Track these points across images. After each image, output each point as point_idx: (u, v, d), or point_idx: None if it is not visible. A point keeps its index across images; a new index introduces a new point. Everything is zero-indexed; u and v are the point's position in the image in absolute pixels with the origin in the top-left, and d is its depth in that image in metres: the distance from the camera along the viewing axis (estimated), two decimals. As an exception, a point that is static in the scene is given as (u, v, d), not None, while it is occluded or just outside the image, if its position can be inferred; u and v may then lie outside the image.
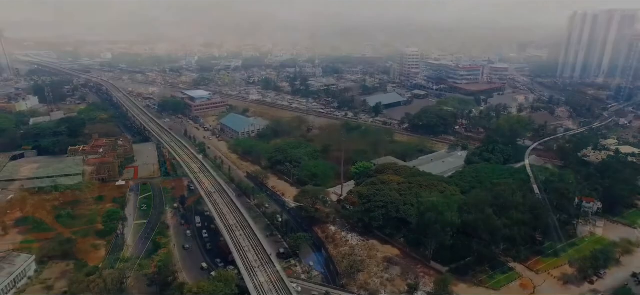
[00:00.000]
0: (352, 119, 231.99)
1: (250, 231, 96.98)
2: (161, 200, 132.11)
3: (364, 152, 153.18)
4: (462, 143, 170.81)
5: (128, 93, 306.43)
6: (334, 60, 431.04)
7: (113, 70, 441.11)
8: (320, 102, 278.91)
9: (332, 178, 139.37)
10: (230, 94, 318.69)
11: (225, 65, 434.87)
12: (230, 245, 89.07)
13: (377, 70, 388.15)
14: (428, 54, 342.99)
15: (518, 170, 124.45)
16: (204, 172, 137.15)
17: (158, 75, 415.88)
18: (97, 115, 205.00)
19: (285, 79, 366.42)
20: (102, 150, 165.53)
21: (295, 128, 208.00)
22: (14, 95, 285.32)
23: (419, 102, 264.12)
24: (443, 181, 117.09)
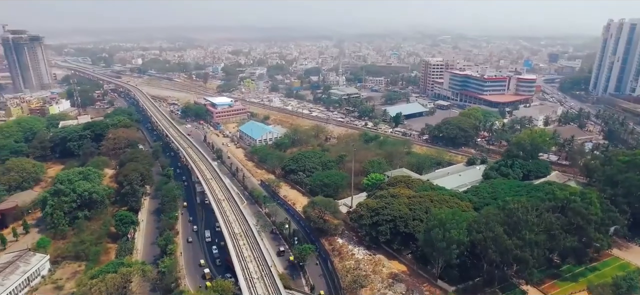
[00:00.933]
0: (371, 129, 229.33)
1: (254, 240, 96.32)
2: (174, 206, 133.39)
3: (379, 163, 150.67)
4: (482, 156, 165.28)
5: (153, 98, 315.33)
6: (359, 69, 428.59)
7: (142, 75, 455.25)
8: (341, 110, 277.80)
9: (344, 189, 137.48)
10: (253, 101, 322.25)
11: (250, 73, 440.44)
12: (232, 255, 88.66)
13: (401, 79, 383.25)
14: (454, 63, 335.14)
15: (537, 187, 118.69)
16: (216, 179, 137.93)
17: (185, 81, 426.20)
18: (120, 119, 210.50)
19: (308, 87, 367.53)
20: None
21: (313, 137, 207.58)
22: (49, 99, 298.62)
23: (442, 112, 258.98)
24: (456, 196, 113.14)
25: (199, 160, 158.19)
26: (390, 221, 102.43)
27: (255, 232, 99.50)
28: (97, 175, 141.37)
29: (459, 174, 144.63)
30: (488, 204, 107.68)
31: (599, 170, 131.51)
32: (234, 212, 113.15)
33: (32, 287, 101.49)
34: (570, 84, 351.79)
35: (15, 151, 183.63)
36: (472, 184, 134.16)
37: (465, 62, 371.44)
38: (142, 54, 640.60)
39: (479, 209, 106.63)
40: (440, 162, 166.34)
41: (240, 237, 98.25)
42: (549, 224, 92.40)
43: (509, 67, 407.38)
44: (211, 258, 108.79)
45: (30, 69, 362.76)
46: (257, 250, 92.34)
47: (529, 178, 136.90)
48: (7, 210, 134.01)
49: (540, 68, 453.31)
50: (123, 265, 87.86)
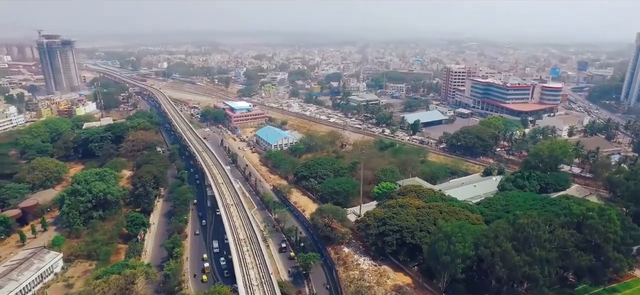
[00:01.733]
0: (388, 136, 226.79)
1: (258, 247, 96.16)
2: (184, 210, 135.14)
3: (392, 172, 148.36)
4: (499, 167, 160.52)
5: (175, 101, 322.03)
6: (380, 75, 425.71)
7: (166, 79, 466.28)
8: (360, 117, 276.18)
9: (354, 196, 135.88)
10: (272, 105, 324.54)
11: (271, 78, 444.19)
12: (235, 261, 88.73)
13: (423, 86, 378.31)
14: (476, 71, 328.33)
15: (553, 200, 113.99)
16: (227, 184, 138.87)
17: (207, 85, 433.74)
18: (140, 122, 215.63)
19: (328, 92, 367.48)
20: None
21: (328, 143, 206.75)
22: (76, 101, 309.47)
23: (462, 121, 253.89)
24: (467, 208, 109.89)
25: (212, 164, 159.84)
26: (397, 232, 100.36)
27: (259, 238, 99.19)
28: (113, 176, 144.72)
29: (473, 185, 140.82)
30: (500, 217, 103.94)
31: (623, 185, 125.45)
32: (241, 217, 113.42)
33: (45, 284, 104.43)
34: (599, 92, 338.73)
35: (41, 151, 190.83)
36: (487, 195, 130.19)
37: (488, 70, 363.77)
38: (168, 58, 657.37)
39: (490, 221, 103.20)
40: (455, 172, 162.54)
41: (245, 242, 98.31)
42: (562, 240, 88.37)
43: (534, 75, 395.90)
44: (219, 269, 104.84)
45: (61, 71, 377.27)
46: (260, 256, 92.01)
47: (546, 191, 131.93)
48: (28, 208, 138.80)
49: (568, 76, 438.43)
50: (127, 267, 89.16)
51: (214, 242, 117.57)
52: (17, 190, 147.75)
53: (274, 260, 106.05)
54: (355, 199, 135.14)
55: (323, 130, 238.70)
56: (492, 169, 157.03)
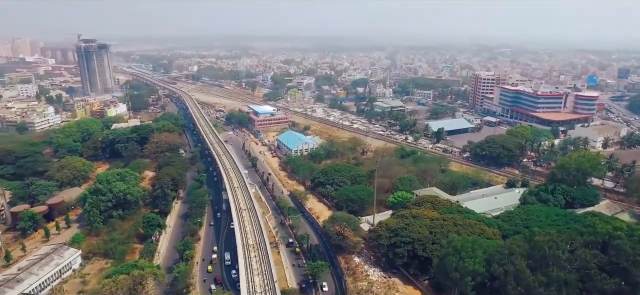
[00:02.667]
0: (411, 143, 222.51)
1: (265, 253, 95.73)
2: (199, 212, 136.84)
3: (410, 181, 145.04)
4: (523, 178, 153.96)
5: (202, 104, 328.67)
6: (408, 81, 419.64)
7: (195, 82, 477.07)
8: (383, 123, 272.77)
9: (370, 205, 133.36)
10: (297, 110, 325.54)
11: (297, 82, 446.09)
12: (241, 267, 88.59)
13: (450, 93, 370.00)
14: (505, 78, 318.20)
15: (578, 217, 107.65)
16: (243, 188, 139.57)
17: (234, 89, 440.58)
18: (165, 124, 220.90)
19: (353, 98, 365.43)
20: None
21: (349, 149, 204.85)
22: (109, 102, 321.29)
23: (489, 129, 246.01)
24: (483, 221, 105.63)
25: (230, 168, 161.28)
26: (409, 243, 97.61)
27: (267, 245, 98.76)
28: (134, 177, 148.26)
29: (494, 197, 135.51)
30: (519, 232, 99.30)
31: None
32: (253, 222, 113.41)
33: (63, 279, 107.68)
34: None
35: (71, 150, 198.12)
36: (508, 208, 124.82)
37: (520, 77, 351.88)
38: (199, 61, 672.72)
39: (508, 237, 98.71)
40: (477, 183, 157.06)
41: (253, 248, 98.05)
42: (583, 261, 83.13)
43: (569, 82, 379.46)
44: (230, 281, 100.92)
45: (96, 74, 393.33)
46: (267, 263, 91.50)
47: (572, 206, 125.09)
48: (54, 205, 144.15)
49: (607, 84, 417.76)
50: (136, 268, 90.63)
51: (226, 254, 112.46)
52: (46, 187, 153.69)
53: (283, 267, 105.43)
54: (371, 207, 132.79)
55: (345, 136, 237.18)
56: (515, 181, 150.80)
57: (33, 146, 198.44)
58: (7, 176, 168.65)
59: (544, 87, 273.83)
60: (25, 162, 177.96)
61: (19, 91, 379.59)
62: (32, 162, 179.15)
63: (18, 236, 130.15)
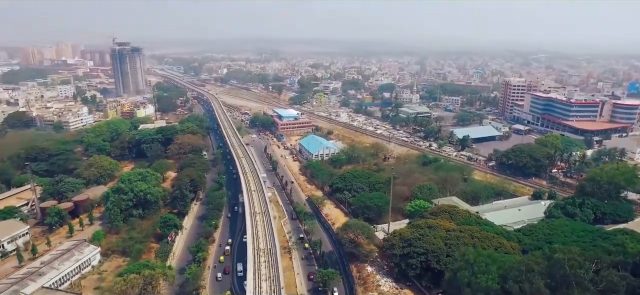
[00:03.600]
0: (434, 150, 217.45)
1: (274, 259, 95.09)
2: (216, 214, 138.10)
3: (429, 189, 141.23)
4: (550, 190, 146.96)
5: (228, 107, 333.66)
6: (436, 87, 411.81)
7: (224, 85, 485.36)
8: (408, 130, 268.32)
9: (387, 213, 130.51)
10: (321, 114, 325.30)
11: (324, 87, 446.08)
12: (249, 270, 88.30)
13: (479, 100, 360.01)
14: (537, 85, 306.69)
15: (608, 234, 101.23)
16: (259, 191, 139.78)
17: (261, 92, 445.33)
18: (189, 126, 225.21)
19: (379, 103, 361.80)
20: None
21: (371, 155, 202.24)
22: (139, 103, 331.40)
23: (518, 137, 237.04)
24: (502, 234, 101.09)
25: (249, 171, 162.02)
26: (422, 254, 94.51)
27: (277, 250, 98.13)
28: (154, 177, 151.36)
29: (518, 209, 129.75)
30: (540, 247, 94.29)
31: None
32: (266, 226, 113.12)
33: (82, 275, 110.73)
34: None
35: (100, 149, 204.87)
36: (531, 221, 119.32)
37: (553, 84, 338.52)
38: (228, 65, 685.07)
39: (528, 252, 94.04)
40: (501, 193, 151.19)
41: (263, 253, 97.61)
42: (609, 283, 77.59)
43: (607, 90, 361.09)
44: (241, 291, 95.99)
45: (129, 75, 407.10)
46: (276, 269, 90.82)
47: (602, 222, 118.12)
48: (80, 202, 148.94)
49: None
50: (147, 267, 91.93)
51: (238, 264, 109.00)
52: (74, 184, 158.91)
53: (294, 273, 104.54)
54: (388, 215, 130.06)
55: (368, 142, 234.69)
56: (541, 192, 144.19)
57: (65, 144, 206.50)
58: (41, 173, 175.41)
59: (578, 94, 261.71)
60: (58, 159, 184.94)
61: (59, 92, 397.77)
62: (63, 160, 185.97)
63: (45, 231, 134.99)
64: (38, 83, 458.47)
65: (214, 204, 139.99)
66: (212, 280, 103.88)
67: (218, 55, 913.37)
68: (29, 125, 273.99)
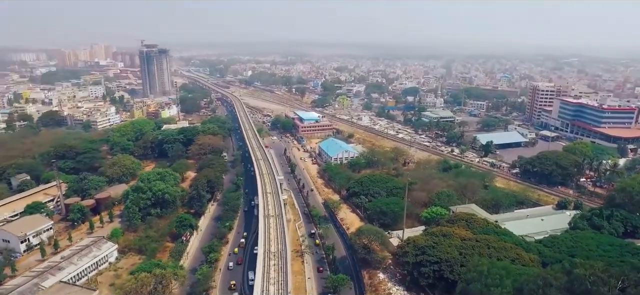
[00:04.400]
0: (456, 156, 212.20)
1: (284, 262, 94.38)
2: (231, 216, 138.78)
3: (448, 196, 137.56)
4: (576, 200, 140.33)
5: (251, 109, 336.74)
6: (461, 91, 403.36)
7: (248, 86, 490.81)
8: (430, 134, 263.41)
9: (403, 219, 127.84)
10: (343, 118, 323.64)
11: (347, 90, 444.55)
12: (258, 273, 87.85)
13: (505, 105, 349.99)
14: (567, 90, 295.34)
15: (638, 249, 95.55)
16: (275, 194, 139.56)
17: (284, 94, 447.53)
18: (210, 127, 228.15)
19: (402, 107, 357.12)
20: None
21: (390, 160, 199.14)
22: (164, 104, 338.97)
23: (545, 144, 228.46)
24: (521, 245, 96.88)
25: (266, 173, 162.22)
26: (435, 263, 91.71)
27: (288, 254, 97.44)
28: (173, 177, 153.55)
29: (541, 219, 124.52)
30: (561, 260, 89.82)
31: None
32: (278, 229, 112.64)
33: (99, 271, 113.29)
34: None
35: (124, 148, 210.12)
36: (554, 232, 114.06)
37: (585, 89, 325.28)
38: (254, 67, 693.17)
39: (548, 265, 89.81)
40: (523, 202, 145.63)
41: (274, 256, 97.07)
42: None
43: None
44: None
45: (156, 77, 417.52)
46: (284, 272, 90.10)
47: (633, 235, 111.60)
48: (101, 199, 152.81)
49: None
50: (158, 266, 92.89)
51: (249, 273, 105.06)
52: (97, 182, 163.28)
53: (304, 278, 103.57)
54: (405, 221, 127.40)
55: (389, 146, 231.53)
56: (566, 202, 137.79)
57: (92, 143, 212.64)
58: (67, 170, 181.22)
59: (612, 100, 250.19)
60: (84, 157, 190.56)
61: (90, 92, 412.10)
62: (89, 158, 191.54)
63: (68, 226, 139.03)
64: (72, 83, 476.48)
65: (229, 205, 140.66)
66: (222, 282, 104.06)
67: (244, 57, 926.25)
68: (61, 124, 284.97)
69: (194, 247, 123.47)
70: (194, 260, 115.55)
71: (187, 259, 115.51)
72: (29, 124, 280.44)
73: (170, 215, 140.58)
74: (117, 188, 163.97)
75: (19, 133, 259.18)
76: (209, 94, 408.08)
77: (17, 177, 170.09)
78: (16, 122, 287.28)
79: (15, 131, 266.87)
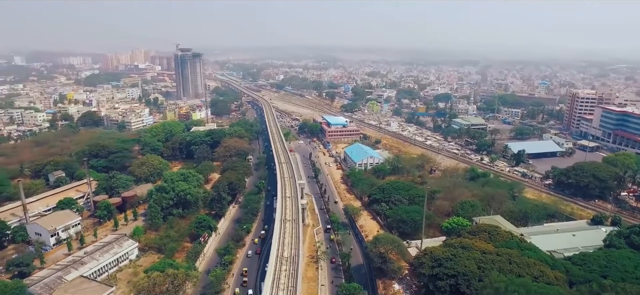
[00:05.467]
0: (485, 165, 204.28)
1: (295, 267, 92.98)
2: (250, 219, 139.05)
3: (472, 206, 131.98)
4: (614, 216, 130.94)
5: (280, 112, 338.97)
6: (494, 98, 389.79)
7: (279, 90, 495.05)
8: (460, 141, 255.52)
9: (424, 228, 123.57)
10: (371, 123, 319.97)
11: (377, 95, 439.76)
12: (268, 279, 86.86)
13: (543, 112, 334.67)
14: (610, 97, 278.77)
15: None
16: (293, 197, 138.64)
17: (314, 99, 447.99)
18: (237, 130, 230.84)
19: (433, 113, 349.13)
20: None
21: (416, 167, 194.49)
22: (196, 106, 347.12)
23: (583, 154, 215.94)
24: (546, 261, 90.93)
25: (288, 176, 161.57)
26: (452, 277, 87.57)
27: (300, 259, 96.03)
28: (196, 178, 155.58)
29: (572, 234, 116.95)
30: (591, 281, 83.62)
31: None
32: (294, 234, 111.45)
33: (119, 268, 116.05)
34: None
35: (153, 148, 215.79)
36: (587, 249, 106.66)
37: (633, 97, 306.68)
38: (286, 71, 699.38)
39: (574, 285, 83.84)
40: (554, 215, 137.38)
41: (286, 261, 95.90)
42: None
43: None
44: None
45: (189, 80, 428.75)
46: (295, 278, 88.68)
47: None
48: (127, 198, 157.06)
49: None
50: (172, 266, 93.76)
51: (262, 284, 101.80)
52: (125, 181, 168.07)
53: (317, 285, 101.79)
54: (425, 230, 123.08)
55: (416, 153, 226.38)
56: (603, 217, 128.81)
57: (124, 143, 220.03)
58: (99, 168, 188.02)
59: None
60: (115, 157, 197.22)
61: (127, 94, 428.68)
62: (120, 157, 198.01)
63: (96, 223, 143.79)
64: (112, 85, 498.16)
65: (249, 208, 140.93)
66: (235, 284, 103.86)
67: (278, 61, 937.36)
68: (98, 124, 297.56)
69: (212, 248, 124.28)
70: (210, 262, 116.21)
71: (203, 260, 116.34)
72: (69, 123, 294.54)
73: (192, 215, 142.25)
74: (143, 187, 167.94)
75: (60, 132, 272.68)
76: (240, 97, 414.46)
77: (54, 174, 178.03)
78: (59, 122, 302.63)
79: (57, 130, 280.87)
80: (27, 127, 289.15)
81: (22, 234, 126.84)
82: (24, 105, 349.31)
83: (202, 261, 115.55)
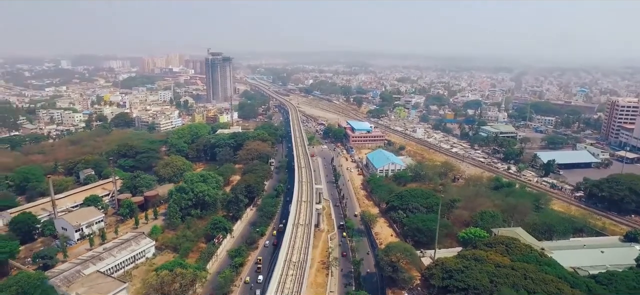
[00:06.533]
0: (512, 174, 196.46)
1: (302, 272, 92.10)
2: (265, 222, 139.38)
3: (492, 216, 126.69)
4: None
5: (307, 117, 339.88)
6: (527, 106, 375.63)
7: (307, 95, 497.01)
8: (487, 149, 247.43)
9: (440, 237, 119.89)
10: (397, 129, 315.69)
11: (405, 101, 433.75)
12: (272, 284, 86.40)
13: (578, 121, 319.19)
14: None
15: None
16: (309, 202, 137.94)
17: (341, 104, 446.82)
18: (260, 133, 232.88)
19: (461, 120, 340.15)
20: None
21: (439, 174, 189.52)
22: (223, 109, 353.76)
23: (621, 166, 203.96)
24: (567, 279, 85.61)
25: (306, 181, 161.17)
26: (463, 290, 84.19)
27: (307, 265, 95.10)
28: (215, 179, 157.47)
29: (601, 250, 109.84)
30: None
31: None
32: (305, 239, 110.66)
33: (136, 265, 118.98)
34: None
35: (179, 150, 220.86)
36: (616, 268, 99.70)
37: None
38: (316, 76, 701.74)
39: (597, 305, 78.52)
40: (582, 229, 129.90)
41: (294, 266, 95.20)
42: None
43: None
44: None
45: (219, 83, 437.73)
46: (300, 283, 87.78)
47: None
48: (149, 197, 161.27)
49: None
50: (181, 266, 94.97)
51: (268, 284, 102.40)
52: (148, 181, 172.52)
53: (325, 291, 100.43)
54: (441, 240, 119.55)
55: (440, 160, 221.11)
56: (636, 234, 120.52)
57: (151, 144, 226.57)
58: (126, 167, 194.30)
59: None
60: (142, 157, 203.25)
61: (160, 96, 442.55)
62: (147, 157, 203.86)
63: (118, 220, 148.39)
64: (147, 88, 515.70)
65: (265, 211, 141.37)
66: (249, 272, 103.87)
67: (309, 66, 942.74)
68: (130, 125, 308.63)
69: (226, 250, 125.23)
70: (223, 263, 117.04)
71: (216, 261, 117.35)
72: (103, 124, 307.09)
73: (209, 216, 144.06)
74: (165, 187, 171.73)
75: (94, 132, 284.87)
76: (268, 101, 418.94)
77: (84, 172, 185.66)
78: (93, 122, 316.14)
79: (91, 130, 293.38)
80: (65, 127, 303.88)
81: (50, 228, 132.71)
82: (64, 106, 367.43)
83: (215, 262, 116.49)
